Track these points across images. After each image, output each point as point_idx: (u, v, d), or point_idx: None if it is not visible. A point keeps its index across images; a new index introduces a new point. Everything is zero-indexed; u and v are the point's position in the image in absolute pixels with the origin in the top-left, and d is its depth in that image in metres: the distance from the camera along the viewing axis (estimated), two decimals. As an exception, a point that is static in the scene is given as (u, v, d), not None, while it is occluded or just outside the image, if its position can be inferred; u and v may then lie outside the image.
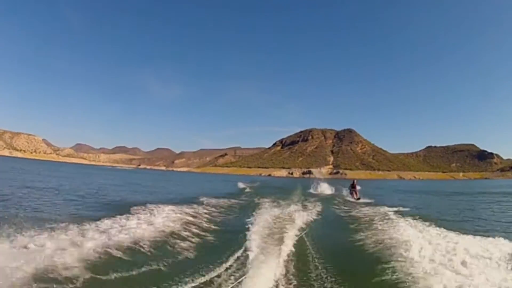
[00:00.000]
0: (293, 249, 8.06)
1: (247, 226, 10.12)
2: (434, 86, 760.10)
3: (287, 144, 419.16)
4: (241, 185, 39.14)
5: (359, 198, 24.57)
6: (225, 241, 9.06)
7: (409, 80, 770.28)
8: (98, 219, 9.82)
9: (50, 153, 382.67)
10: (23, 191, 18.30)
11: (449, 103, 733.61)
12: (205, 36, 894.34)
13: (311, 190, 32.48)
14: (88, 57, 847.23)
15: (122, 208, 12.68)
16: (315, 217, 14.14)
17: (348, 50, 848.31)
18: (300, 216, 12.98)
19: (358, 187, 26.59)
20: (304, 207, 17.19)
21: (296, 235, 9.57)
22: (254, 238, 8.49)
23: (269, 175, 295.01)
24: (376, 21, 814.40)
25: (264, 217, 11.72)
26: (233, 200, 20.02)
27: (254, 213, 12.89)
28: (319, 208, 17.44)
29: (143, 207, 12.84)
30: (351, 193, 26.04)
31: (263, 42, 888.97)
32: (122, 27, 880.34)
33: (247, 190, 32.13)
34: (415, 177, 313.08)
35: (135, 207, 12.75)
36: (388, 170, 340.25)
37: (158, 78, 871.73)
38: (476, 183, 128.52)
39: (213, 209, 15.22)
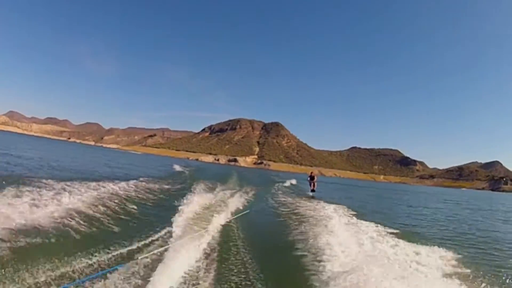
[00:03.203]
0: (219, 233, 8.16)
1: (178, 207, 9.77)
2: (366, 89, 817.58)
3: (215, 131, 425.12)
4: (177, 167, 38.94)
5: (313, 190, 25.11)
6: (155, 219, 9.17)
7: (343, 81, 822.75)
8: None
9: None
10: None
11: (379, 107, 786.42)
12: (143, 16, 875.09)
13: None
14: (25, 22, 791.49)
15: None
16: (247, 204, 14.33)
17: (280, 44, 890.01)
18: (233, 202, 13.18)
19: (316, 179, 27.22)
20: (238, 194, 17.04)
21: (225, 220, 9.66)
22: (182, 219, 8.32)
23: (197, 159, 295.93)
24: (313, 17, 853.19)
25: (197, 200, 11.40)
26: (169, 182, 19.94)
27: (187, 196, 12.45)
28: (252, 196, 17.78)
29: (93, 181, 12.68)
30: (310, 184, 26.42)
31: (197, 28, 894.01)
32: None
33: (184, 173, 31.87)
34: (335, 175, 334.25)
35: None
36: (310, 166, 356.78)
37: (92, 52, 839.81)
38: (390, 185, 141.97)
39: (149, 188, 14.94)
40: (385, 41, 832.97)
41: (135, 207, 10.32)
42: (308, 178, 26.81)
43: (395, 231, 10.02)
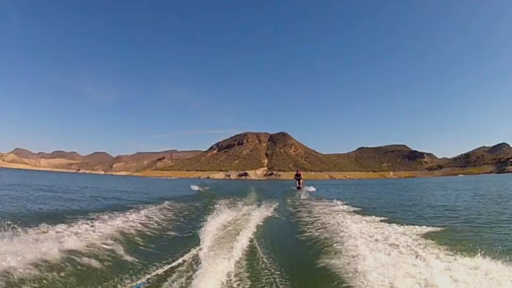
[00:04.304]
0: (247, 248, 8.15)
1: (204, 226, 10.07)
2: (367, 88, 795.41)
3: (223, 147, 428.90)
4: (195, 187, 39.28)
5: (299, 187, 25.86)
6: (181, 240, 9.32)
7: (343, 83, 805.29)
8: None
9: None
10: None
11: (383, 104, 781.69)
12: (140, 38, 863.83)
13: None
14: (24, 58, 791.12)
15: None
16: (270, 216, 14.41)
17: (279, 52, 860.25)
18: (255, 216, 13.05)
19: (302, 177, 27.98)
20: (260, 207, 17.00)
21: (251, 234, 9.65)
22: (208, 237, 8.53)
23: (208, 177, 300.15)
24: (311, 22, 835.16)
25: (220, 217, 11.66)
26: (190, 202, 20.17)
27: (210, 214, 12.82)
28: (273, 208, 17.55)
29: (113, 211, 13.21)
30: (296, 182, 27.47)
31: (193, 44, 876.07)
32: (58, 28, 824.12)
33: (202, 192, 32.06)
34: (345, 177, 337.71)
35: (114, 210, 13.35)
36: (320, 171, 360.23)
37: (94, 81, 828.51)
38: (399, 180, 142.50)
39: (173, 211, 15.60)
40: (383, 39, 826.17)
41: (163, 230, 10.82)
42: (295, 177, 28.38)
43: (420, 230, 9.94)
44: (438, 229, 10.08)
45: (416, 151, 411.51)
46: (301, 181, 27.72)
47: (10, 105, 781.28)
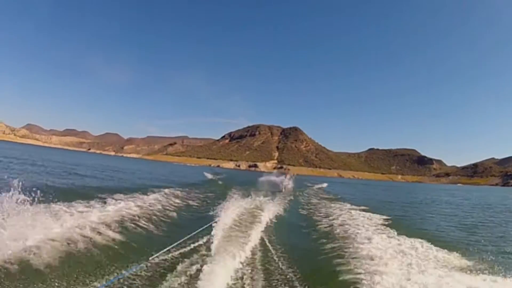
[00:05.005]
0: (258, 242, 8.02)
1: (217, 215, 10.07)
2: (382, 90, 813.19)
3: (235, 137, 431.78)
4: (209, 175, 40.62)
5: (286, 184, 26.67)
6: (193, 228, 8.57)
7: (359, 83, 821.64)
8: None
9: (9, 134, 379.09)
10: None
11: (396, 107, 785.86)
12: (157, 24, 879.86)
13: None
14: (41, 35, 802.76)
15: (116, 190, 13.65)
16: (282, 210, 14.28)
17: (296, 49, 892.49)
18: (267, 209, 12.89)
19: (289, 175, 29.08)
20: (273, 199, 17.17)
21: (263, 228, 9.54)
22: (220, 228, 8.26)
23: (218, 166, 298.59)
24: (326, 22, 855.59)
25: (234, 207, 11.53)
26: (205, 189, 20.96)
27: (223, 204, 12.80)
28: (287, 200, 17.78)
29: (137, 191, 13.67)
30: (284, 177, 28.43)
31: (209, 32, 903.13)
32: (77, 8, 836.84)
33: (216, 180, 32.64)
34: (354, 176, 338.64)
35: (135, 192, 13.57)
36: (329, 168, 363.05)
37: (106, 61, 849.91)
38: (406, 184, 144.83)
39: (188, 197, 15.87)
40: (398, 41, 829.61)
41: (176, 215, 10.91)
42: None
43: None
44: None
45: (425, 157, 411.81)
46: (287, 180, 28.17)
47: (22, 81, 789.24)
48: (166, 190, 15.91)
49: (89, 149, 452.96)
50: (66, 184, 15.41)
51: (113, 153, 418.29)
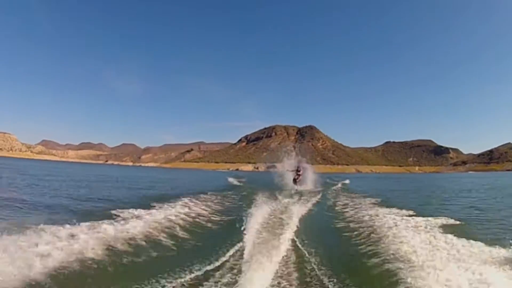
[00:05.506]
0: (290, 244, 7.96)
1: (244, 221, 9.83)
2: (394, 83, 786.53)
3: (252, 140, 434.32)
4: (231, 180, 40.05)
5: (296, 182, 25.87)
6: (224, 235, 8.94)
7: (370, 77, 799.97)
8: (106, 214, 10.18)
9: (25, 151, 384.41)
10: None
11: (410, 99, 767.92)
12: (166, 32, 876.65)
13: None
14: (51, 53, 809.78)
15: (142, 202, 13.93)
16: (310, 210, 14.16)
17: (306, 46, 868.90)
18: (295, 210, 12.87)
19: (301, 173, 27.28)
20: (300, 201, 16.94)
21: (293, 230, 9.43)
22: (251, 233, 8.32)
23: (237, 169, 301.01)
24: (338, 17, 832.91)
25: (260, 211, 11.49)
26: (230, 195, 20.64)
27: (250, 207, 12.86)
28: (313, 201, 17.48)
29: (155, 202, 13.51)
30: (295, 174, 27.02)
31: (217, 36, 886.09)
32: (85, 22, 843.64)
33: (239, 184, 32.51)
34: (372, 171, 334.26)
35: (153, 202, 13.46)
36: (347, 164, 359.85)
37: (120, 73, 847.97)
38: (423, 175, 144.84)
39: (212, 203, 15.68)
40: (411, 31, 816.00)
41: (205, 225, 10.77)
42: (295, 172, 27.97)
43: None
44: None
45: (442, 146, 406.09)
46: (300, 177, 27.20)
47: (36, 97, 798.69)
48: (191, 197, 16.17)
49: (107, 161, 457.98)
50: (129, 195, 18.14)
51: (130, 163, 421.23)
